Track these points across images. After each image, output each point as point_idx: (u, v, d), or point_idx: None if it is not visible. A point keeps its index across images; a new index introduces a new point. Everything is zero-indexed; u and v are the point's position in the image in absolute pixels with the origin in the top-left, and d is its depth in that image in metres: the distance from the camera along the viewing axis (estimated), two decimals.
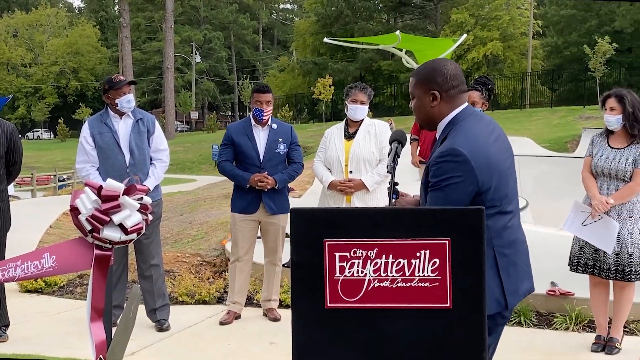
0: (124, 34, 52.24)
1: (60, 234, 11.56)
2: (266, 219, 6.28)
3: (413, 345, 2.45)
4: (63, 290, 7.67)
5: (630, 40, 49.04)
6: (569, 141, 25.73)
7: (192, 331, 6.13)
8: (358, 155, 6.08)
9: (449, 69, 3.08)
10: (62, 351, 5.48)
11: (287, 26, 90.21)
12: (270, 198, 6.22)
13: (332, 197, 6.18)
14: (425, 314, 2.42)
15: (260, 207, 6.24)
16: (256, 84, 6.51)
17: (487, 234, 2.96)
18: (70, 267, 3.50)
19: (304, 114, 63.71)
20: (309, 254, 2.46)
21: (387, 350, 2.46)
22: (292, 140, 6.39)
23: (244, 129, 6.30)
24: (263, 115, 6.22)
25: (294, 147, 6.40)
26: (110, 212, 3.29)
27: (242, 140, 6.24)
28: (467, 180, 2.88)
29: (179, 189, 21.62)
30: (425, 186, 3.03)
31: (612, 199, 5.18)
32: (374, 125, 6.20)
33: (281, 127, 6.40)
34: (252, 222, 6.31)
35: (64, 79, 75.96)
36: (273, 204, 6.23)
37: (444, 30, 54.55)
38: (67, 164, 38.49)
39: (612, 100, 5.29)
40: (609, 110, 5.29)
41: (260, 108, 6.19)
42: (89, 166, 5.94)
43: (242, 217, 6.29)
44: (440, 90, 3.05)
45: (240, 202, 6.31)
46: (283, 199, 6.35)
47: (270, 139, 6.25)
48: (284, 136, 6.32)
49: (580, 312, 5.96)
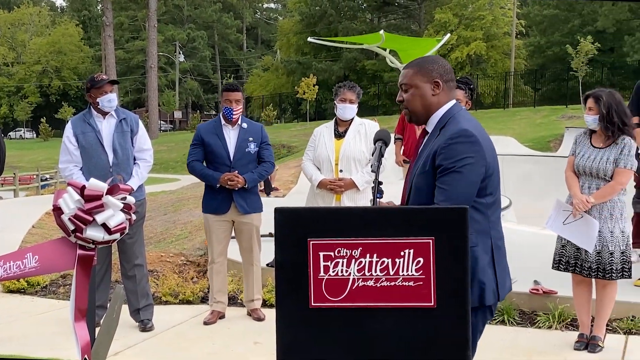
0: (107, 33, 51.98)
1: (43, 234, 11.49)
2: (239, 219, 6.26)
3: (397, 344, 2.45)
4: (46, 291, 7.63)
5: (612, 40, 49.33)
6: (551, 140, 25.85)
7: (176, 331, 6.11)
8: (348, 154, 6.09)
9: (447, 64, 3.18)
10: (47, 352, 5.45)
11: (271, 25, 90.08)
12: (241, 197, 6.19)
13: (321, 196, 6.18)
14: (409, 313, 2.43)
15: (232, 207, 6.21)
16: (226, 83, 6.48)
17: (486, 225, 3.01)
18: (53, 267, 3.49)
19: (288, 113, 63.64)
20: (293, 254, 2.46)
21: (371, 350, 2.46)
22: (263, 139, 6.35)
23: (214, 129, 6.27)
24: (233, 114, 6.18)
25: (265, 146, 6.37)
26: (93, 211, 3.28)
27: (212, 140, 6.20)
28: (479, 162, 2.94)
29: (163, 189, 21.54)
30: (426, 175, 3.02)
31: (593, 198, 5.21)
32: (364, 125, 6.20)
33: (251, 126, 6.37)
34: (225, 222, 6.29)
35: (46, 78, 75.49)
36: (245, 204, 6.21)
37: (427, 30, 54.64)
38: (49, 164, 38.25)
39: (590, 100, 5.37)
40: (587, 110, 5.37)
41: (230, 107, 6.16)
42: (72, 166, 5.91)
43: (215, 217, 6.27)
44: (441, 80, 3.11)
45: (211, 203, 6.28)
46: (255, 198, 6.33)
47: (241, 138, 6.22)
48: (255, 135, 6.29)
49: (563, 310, 5.99)
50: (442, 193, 2.93)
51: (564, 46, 43.41)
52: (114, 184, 3.40)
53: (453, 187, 2.92)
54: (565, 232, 5.34)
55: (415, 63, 3.18)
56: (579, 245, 5.26)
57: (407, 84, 3.14)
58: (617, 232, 5.23)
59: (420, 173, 3.06)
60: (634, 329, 5.74)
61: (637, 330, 5.73)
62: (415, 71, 3.13)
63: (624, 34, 48.09)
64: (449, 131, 3.00)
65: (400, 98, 3.18)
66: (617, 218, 5.25)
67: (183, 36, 77.56)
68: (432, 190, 2.99)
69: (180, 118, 73.92)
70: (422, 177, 3.04)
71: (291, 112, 63.53)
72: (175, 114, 70.71)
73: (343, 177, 6.07)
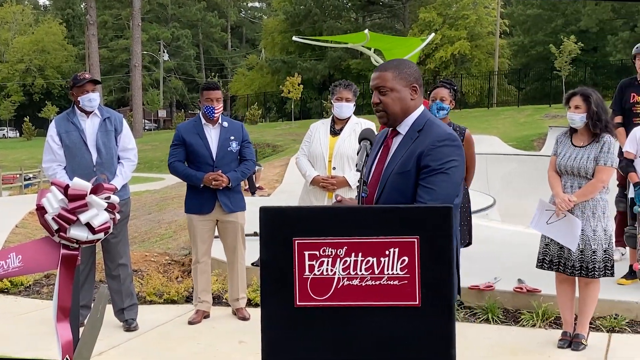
0: (90, 31, 51.69)
1: (27, 233, 11.42)
2: (223, 218, 6.25)
3: (382, 343, 2.46)
4: (29, 291, 7.58)
5: (595, 39, 49.61)
6: (535, 139, 25.99)
7: (161, 331, 6.10)
8: (342, 152, 6.09)
9: (418, 68, 3.31)
10: (29, 352, 5.42)
11: (256, 24, 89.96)
12: (226, 196, 6.18)
13: (314, 192, 6.18)
14: (394, 312, 2.43)
15: (216, 206, 6.19)
16: (205, 81, 6.48)
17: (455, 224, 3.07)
18: (36, 267, 3.47)
19: (273, 112, 63.58)
20: (278, 253, 2.46)
21: (356, 349, 2.46)
22: (244, 137, 6.34)
23: (195, 128, 6.24)
24: (214, 113, 6.15)
25: (246, 144, 6.35)
26: (77, 211, 3.26)
27: (194, 140, 6.18)
28: (462, 165, 3.11)
29: (147, 188, 21.47)
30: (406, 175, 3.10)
31: (575, 197, 5.24)
32: (360, 124, 6.21)
33: (232, 124, 6.35)
34: (209, 222, 6.28)
35: (29, 77, 74.99)
36: (229, 203, 6.20)
37: (412, 29, 54.72)
38: (33, 163, 37.99)
39: (577, 98, 5.34)
40: (574, 109, 5.34)
41: (211, 105, 6.14)
42: (55, 165, 5.88)
43: (199, 217, 6.24)
44: (417, 85, 3.22)
45: (195, 203, 6.25)
46: (239, 197, 6.32)
47: (222, 137, 6.21)
48: (236, 134, 6.28)
49: (546, 308, 6.01)
50: (429, 193, 3.03)
51: (548, 46, 43.71)
52: (98, 183, 3.38)
53: (440, 188, 3.03)
54: (549, 231, 5.37)
55: (393, 66, 3.21)
56: (563, 244, 5.29)
57: (385, 87, 3.17)
58: (599, 231, 5.26)
59: (398, 173, 3.12)
60: (617, 327, 5.77)
61: (620, 329, 5.77)
62: (394, 75, 3.17)
63: (606, 34, 48.40)
64: (434, 134, 3.10)
65: (377, 100, 3.20)
66: (600, 216, 5.28)
67: (167, 35, 77.32)
68: (411, 191, 3.08)
69: (165, 117, 73.69)
70: (401, 177, 3.11)
71: (276, 111, 63.48)
72: (159, 113, 70.44)
73: (336, 174, 6.08)
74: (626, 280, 6.59)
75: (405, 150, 3.14)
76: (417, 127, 3.18)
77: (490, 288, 6.42)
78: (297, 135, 32.83)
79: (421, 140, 3.12)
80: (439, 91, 6.17)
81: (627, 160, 6.50)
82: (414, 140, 3.15)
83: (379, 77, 3.18)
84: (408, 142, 3.16)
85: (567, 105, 5.45)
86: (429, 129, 3.16)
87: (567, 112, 5.44)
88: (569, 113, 5.39)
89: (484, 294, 6.39)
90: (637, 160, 6.46)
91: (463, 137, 6.04)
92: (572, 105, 5.36)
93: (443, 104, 6.09)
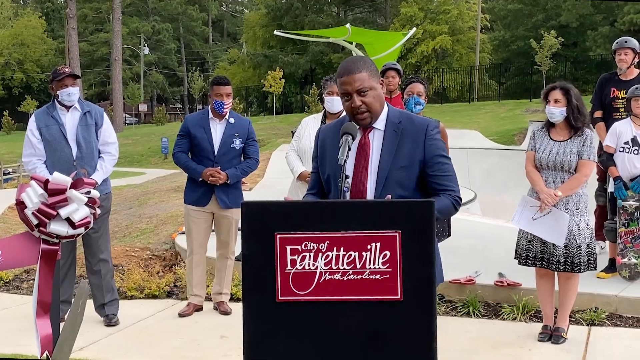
0: (70, 25, 51.28)
1: (6, 228, 11.35)
2: (219, 212, 6.26)
3: (364, 337, 2.46)
4: (9, 286, 7.53)
5: (575, 34, 49.85)
6: (516, 134, 26.08)
7: (142, 326, 6.08)
8: None
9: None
10: (9, 348, 5.39)
11: (237, 18, 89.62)
12: (223, 192, 6.19)
13: (301, 188, 6.16)
14: (376, 306, 2.44)
15: (212, 200, 6.20)
16: (216, 76, 6.45)
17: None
18: (16, 262, 3.45)
19: (255, 106, 63.44)
20: (260, 247, 2.46)
21: (338, 343, 2.46)
22: (249, 135, 6.34)
23: (201, 121, 6.25)
24: (224, 108, 6.17)
25: (250, 142, 6.35)
26: (57, 206, 3.24)
27: (199, 133, 6.19)
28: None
29: (128, 182, 21.36)
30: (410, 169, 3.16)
31: (560, 191, 5.26)
32: None
33: (239, 121, 6.35)
34: (206, 214, 6.28)
35: (9, 70, 74.25)
36: (226, 198, 6.20)
37: (393, 24, 54.76)
38: (12, 157, 37.68)
39: (557, 92, 5.34)
40: (554, 103, 5.34)
41: (221, 100, 6.15)
42: (35, 159, 5.84)
43: (195, 209, 6.26)
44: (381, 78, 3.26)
45: (192, 194, 6.28)
46: (237, 193, 6.31)
47: (226, 134, 6.21)
48: (241, 131, 6.28)
49: (527, 302, 6.05)
50: (450, 179, 3.20)
51: (528, 40, 43.87)
52: (78, 178, 3.36)
53: (453, 172, 3.23)
54: (534, 228, 5.36)
55: (363, 65, 3.14)
56: (549, 241, 5.29)
57: (367, 87, 3.12)
58: (582, 225, 5.30)
59: (402, 167, 3.14)
60: (597, 320, 5.82)
61: (599, 322, 5.81)
62: (369, 74, 3.14)
63: (587, 29, 48.62)
64: (421, 124, 3.20)
65: (360, 103, 3.12)
66: (583, 211, 5.32)
67: (148, 29, 76.83)
68: (413, 184, 3.15)
69: (146, 111, 73.24)
70: (405, 170, 3.15)
71: (257, 105, 63.35)
72: (140, 107, 70.00)
73: None
74: (606, 274, 6.64)
75: (398, 144, 3.15)
76: (394, 119, 3.20)
77: (471, 282, 6.45)
78: (279, 130, 32.76)
79: (410, 132, 3.16)
80: (416, 86, 6.08)
81: (607, 154, 6.55)
82: (400, 133, 3.16)
83: (359, 80, 3.10)
84: (393, 136, 3.17)
85: (545, 100, 5.44)
86: (409, 119, 3.23)
87: (545, 106, 5.44)
88: (549, 107, 5.39)
89: (465, 287, 6.42)
90: (616, 154, 6.51)
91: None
92: (551, 99, 5.36)
93: (420, 99, 6.04)
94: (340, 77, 3.15)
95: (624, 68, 7.18)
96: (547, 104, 5.41)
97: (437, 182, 3.16)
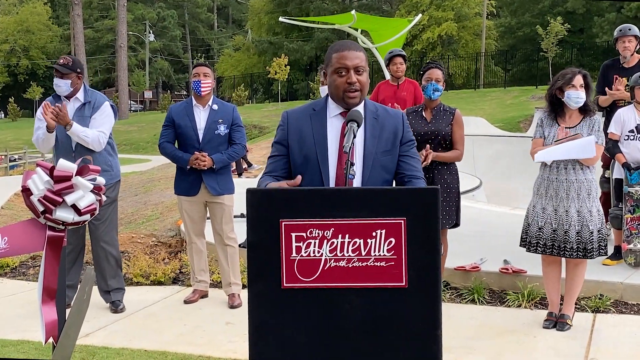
0: (75, 11, 51.23)
1: (12, 215, 11.37)
2: (211, 200, 6.24)
3: (369, 324, 2.46)
4: (15, 272, 7.56)
5: (582, 21, 49.63)
6: (521, 121, 26.00)
7: (147, 312, 6.10)
8: None
9: None
10: (15, 334, 5.41)
11: (242, 5, 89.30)
12: (212, 179, 6.15)
13: None
14: (381, 293, 2.44)
15: (202, 189, 6.17)
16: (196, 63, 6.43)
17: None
18: (22, 249, 3.45)
19: (260, 93, 63.38)
20: (265, 234, 2.46)
21: (343, 330, 2.47)
22: (234, 121, 6.28)
23: (185, 110, 6.22)
24: (201, 87, 6.09)
25: (236, 128, 6.29)
26: (62, 192, 3.25)
27: (183, 121, 6.16)
28: None
29: (133, 169, 21.39)
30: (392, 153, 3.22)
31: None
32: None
33: (222, 107, 6.30)
34: (198, 203, 6.28)
35: (14, 57, 74.31)
36: (216, 185, 6.17)
37: (399, 10, 54.53)
38: (18, 144, 37.78)
39: (580, 77, 5.24)
40: (579, 87, 5.22)
41: (198, 79, 6.10)
42: (40, 132, 5.84)
43: (187, 199, 6.26)
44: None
45: (182, 184, 6.28)
46: (226, 179, 6.29)
47: (210, 120, 6.16)
48: (225, 117, 6.22)
49: (532, 289, 6.05)
50: (418, 162, 3.29)
51: (534, 27, 43.71)
52: (84, 165, 3.37)
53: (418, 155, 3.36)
54: (560, 151, 5.23)
55: (360, 48, 3.22)
56: (578, 157, 5.20)
57: (363, 66, 3.15)
58: (594, 211, 5.28)
59: (385, 151, 3.19)
60: (602, 308, 5.82)
61: (604, 309, 5.81)
62: (365, 56, 3.18)
63: (593, 15, 48.41)
64: (398, 113, 3.33)
65: (354, 80, 3.12)
66: (594, 197, 5.30)
67: (153, 15, 76.78)
68: (394, 167, 3.23)
69: (151, 98, 73.36)
70: (388, 154, 3.20)
71: (263, 92, 63.28)
72: (145, 94, 70.14)
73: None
74: (611, 261, 6.63)
75: (381, 130, 3.19)
76: (371, 106, 3.25)
77: (476, 269, 6.45)
78: None
79: (387, 119, 3.23)
80: (435, 72, 5.99)
81: (612, 142, 6.53)
82: (378, 120, 3.21)
83: (359, 57, 3.13)
84: (374, 122, 3.20)
85: (568, 85, 5.25)
86: (383, 109, 3.32)
87: (566, 91, 5.26)
88: (576, 92, 5.23)
89: (470, 274, 6.42)
90: (622, 142, 6.51)
91: (453, 116, 6.01)
92: (577, 84, 5.23)
93: (438, 85, 5.96)
94: (338, 51, 3.14)
95: (628, 56, 7.18)
96: (570, 89, 5.26)
97: (409, 163, 3.24)
